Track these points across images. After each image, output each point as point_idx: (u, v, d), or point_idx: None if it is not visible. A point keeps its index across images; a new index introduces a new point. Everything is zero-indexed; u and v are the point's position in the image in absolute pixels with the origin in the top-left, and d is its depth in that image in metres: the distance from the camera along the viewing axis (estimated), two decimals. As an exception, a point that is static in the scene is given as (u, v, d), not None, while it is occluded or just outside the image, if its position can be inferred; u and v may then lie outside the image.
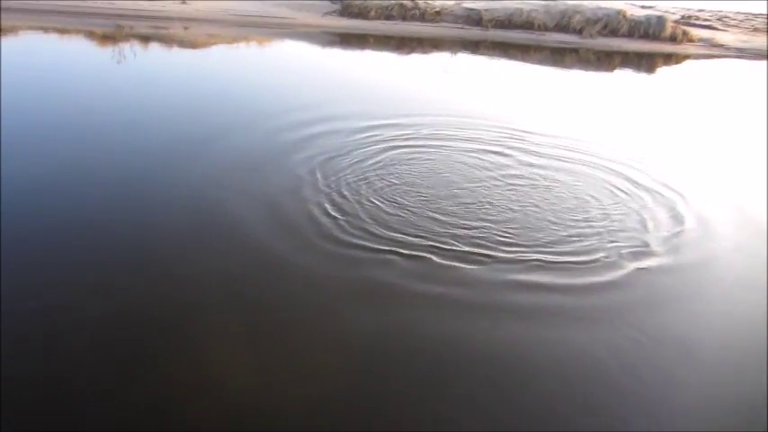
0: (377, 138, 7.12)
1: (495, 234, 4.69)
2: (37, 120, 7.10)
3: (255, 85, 10.69)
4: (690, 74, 19.34)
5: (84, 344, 3.16)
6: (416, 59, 16.91)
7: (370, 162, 6.20)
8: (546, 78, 15.10)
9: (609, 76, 17.12)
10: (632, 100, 13.11)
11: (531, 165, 6.65)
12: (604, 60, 19.64)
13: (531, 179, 6.18)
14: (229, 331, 3.34)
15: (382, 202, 5.10)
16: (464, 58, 17.41)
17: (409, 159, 6.42)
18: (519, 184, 5.98)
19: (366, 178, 5.69)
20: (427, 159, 6.52)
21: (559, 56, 19.39)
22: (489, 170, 6.36)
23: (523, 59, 18.20)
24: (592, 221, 5.12)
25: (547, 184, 6.07)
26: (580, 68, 17.60)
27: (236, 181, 5.49)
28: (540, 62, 17.87)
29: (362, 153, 6.47)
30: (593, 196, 5.73)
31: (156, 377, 2.99)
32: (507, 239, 4.62)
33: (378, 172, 5.92)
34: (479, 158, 6.73)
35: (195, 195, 5.16)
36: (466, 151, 6.97)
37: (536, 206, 5.38)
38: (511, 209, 5.26)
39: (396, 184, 5.62)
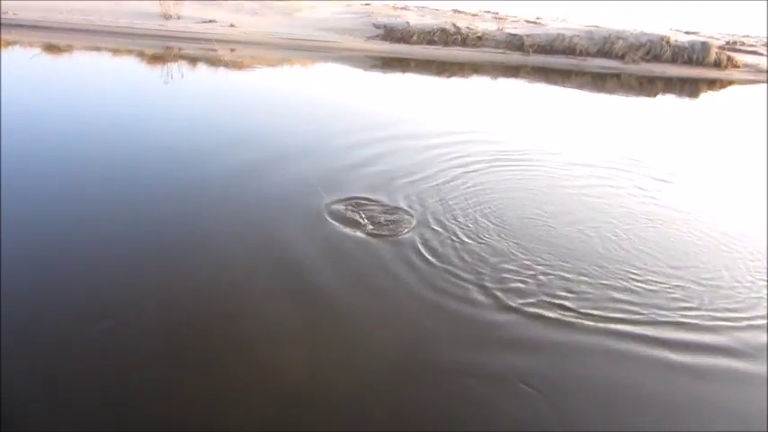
0: (463, 157, 7.23)
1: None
2: (83, 139, 7.24)
3: (306, 105, 10.87)
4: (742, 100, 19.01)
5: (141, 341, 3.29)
6: (459, 83, 17.03)
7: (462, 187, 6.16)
8: (595, 102, 15.05)
9: (654, 102, 16.89)
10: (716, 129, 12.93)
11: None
12: (646, 86, 19.46)
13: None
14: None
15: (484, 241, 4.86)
16: (513, 84, 17.47)
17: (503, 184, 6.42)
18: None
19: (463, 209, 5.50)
20: (527, 187, 6.46)
21: (601, 81, 19.31)
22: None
23: (564, 84, 18.17)
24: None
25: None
26: (621, 94, 17.43)
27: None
28: (581, 87, 17.82)
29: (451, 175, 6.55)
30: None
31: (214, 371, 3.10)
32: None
33: (471, 200, 5.82)
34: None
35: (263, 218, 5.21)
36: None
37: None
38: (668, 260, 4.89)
39: (494, 217, 5.40)
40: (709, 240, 5.44)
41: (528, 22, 27.58)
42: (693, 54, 23.48)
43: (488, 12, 28.75)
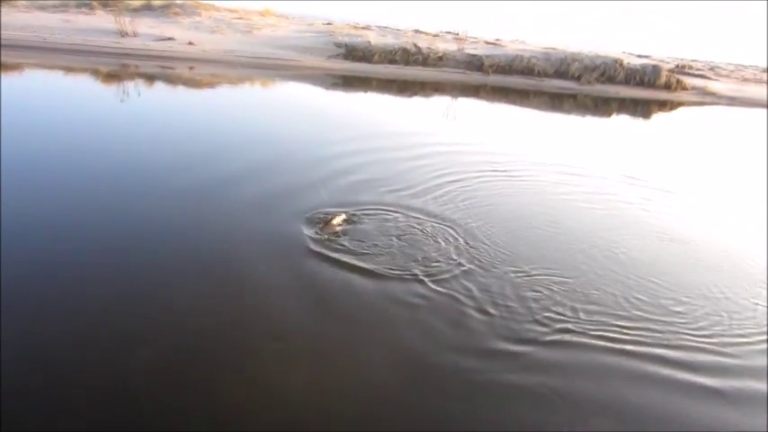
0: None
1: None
2: (35, 158, 6.93)
3: (260, 125, 10.73)
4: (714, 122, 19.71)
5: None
6: (421, 102, 17.12)
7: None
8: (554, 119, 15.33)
9: (610, 122, 17.34)
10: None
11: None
12: (602, 106, 19.99)
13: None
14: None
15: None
16: (471, 103, 17.66)
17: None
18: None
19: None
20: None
21: (558, 101, 19.74)
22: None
23: (523, 104, 18.50)
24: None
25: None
26: (578, 113, 17.83)
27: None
28: (539, 106, 18.17)
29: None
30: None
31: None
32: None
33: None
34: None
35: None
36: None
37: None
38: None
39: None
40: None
41: (487, 43, 28.11)
42: (645, 76, 24.35)
43: (449, 32, 29.16)
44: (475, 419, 3.13)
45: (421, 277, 4.52)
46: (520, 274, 4.78)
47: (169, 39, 20.69)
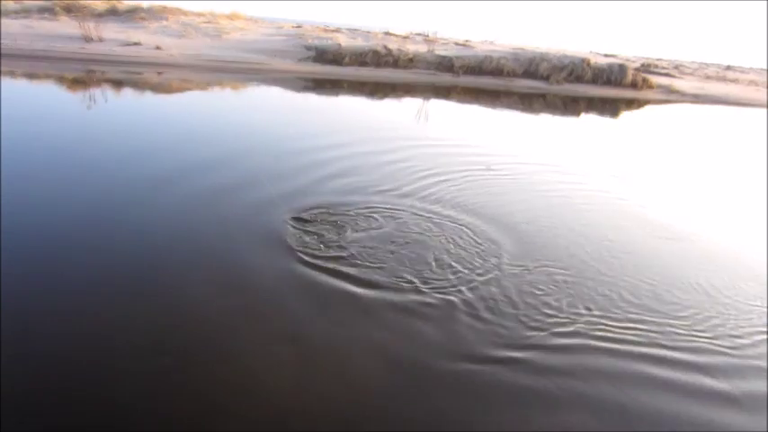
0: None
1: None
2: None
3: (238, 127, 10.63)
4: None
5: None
6: (394, 104, 17.15)
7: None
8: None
9: (580, 121, 17.61)
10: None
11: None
12: (571, 105, 20.27)
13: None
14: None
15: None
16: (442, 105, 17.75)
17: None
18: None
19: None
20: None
21: (528, 100, 19.96)
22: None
23: (494, 104, 18.65)
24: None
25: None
26: (548, 112, 18.07)
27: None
28: (510, 106, 18.35)
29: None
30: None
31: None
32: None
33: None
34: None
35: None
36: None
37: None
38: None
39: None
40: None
41: (457, 44, 28.29)
42: (612, 75, 24.76)
43: (419, 34, 29.27)
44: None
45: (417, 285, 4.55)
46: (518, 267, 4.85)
47: (135, 44, 20.34)
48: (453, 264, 4.89)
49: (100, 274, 4.31)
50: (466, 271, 4.76)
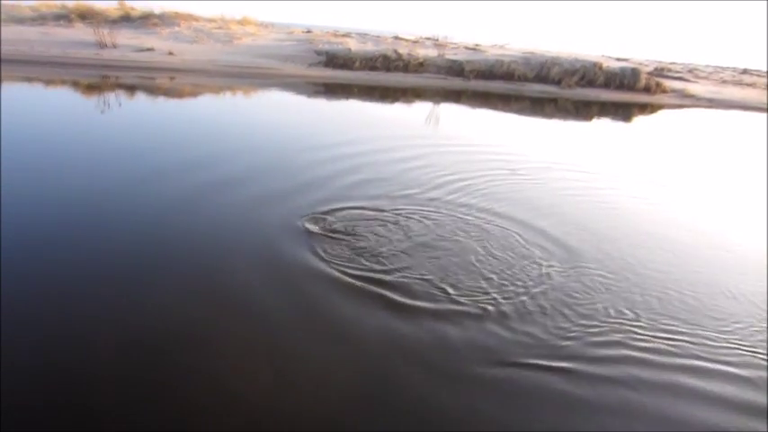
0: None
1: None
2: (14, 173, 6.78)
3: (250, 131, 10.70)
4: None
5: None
6: (406, 108, 17.17)
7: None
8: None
9: (592, 125, 17.51)
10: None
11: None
12: (583, 110, 20.16)
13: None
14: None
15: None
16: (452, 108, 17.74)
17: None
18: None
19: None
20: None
21: (539, 105, 19.87)
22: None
23: (505, 108, 18.60)
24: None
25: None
26: (560, 117, 17.97)
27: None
28: (521, 111, 18.27)
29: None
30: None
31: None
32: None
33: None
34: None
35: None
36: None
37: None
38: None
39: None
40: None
41: (467, 48, 28.26)
42: (625, 79, 24.59)
43: (429, 38, 29.30)
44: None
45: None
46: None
47: (149, 49, 20.58)
48: (496, 269, 4.90)
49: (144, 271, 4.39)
50: (514, 276, 4.80)
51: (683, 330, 4.21)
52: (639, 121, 19.52)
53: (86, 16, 23.96)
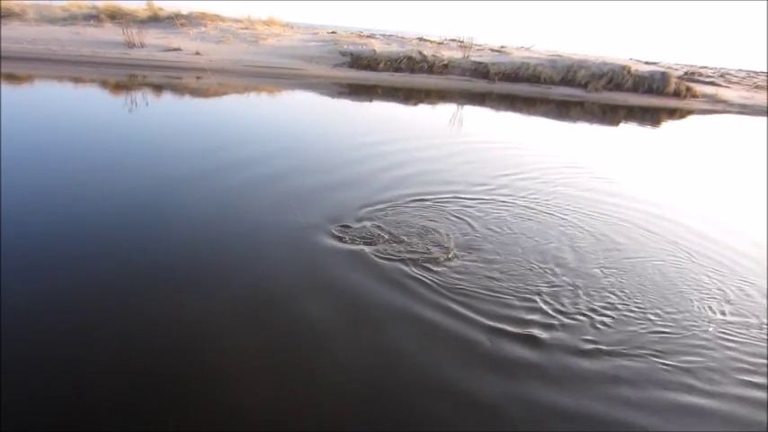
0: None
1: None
2: (43, 169, 6.87)
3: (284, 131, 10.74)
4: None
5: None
6: (432, 110, 17.08)
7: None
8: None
9: (620, 130, 17.21)
10: None
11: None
12: (609, 114, 19.81)
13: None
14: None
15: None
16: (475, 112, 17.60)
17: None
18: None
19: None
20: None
21: (565, 108, 19.60)
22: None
23: (529, 112, 18.38)
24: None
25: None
26: (586, 121, 17.68)
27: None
28: (546, 114, 18.03)
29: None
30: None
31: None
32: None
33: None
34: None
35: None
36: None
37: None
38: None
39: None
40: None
41: (493, 50, 28.03)
42: (654, 84, 24.13)
43: (453, 40, 29.15)
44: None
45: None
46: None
47: (176, 49, 20.81)
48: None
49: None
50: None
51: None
52: (672, 126, 19.07)
53: (116, 16, 24.33)
